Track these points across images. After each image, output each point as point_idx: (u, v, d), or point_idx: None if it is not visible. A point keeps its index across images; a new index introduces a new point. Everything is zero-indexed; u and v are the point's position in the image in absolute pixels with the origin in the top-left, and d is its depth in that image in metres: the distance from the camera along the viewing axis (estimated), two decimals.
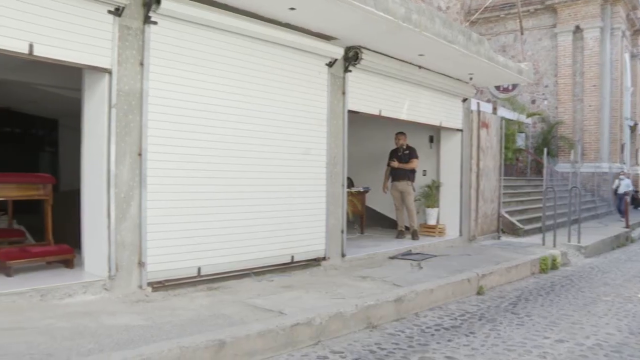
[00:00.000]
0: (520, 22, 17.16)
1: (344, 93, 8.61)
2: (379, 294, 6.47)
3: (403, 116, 10.03)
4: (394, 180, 11.31)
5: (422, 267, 8.48)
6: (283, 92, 7.65)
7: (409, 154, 11.18)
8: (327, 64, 8.25)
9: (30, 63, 6.39)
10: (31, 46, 5.32)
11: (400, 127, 11.27)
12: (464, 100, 11.78)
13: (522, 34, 19.07)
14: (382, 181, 11.65)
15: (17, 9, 5.18)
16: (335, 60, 8.30)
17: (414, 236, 10.96)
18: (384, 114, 9.48)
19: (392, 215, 12.05)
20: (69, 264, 6.57)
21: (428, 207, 11.82)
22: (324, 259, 8.32)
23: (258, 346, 4.83)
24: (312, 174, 8.15)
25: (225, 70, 6.91)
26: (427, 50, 8.93)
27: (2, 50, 5.19)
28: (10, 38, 5.17)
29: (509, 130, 18.29)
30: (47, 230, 6.91)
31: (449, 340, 5.53)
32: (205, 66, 6.68)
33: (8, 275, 6.03)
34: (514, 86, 22.96)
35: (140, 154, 6.13)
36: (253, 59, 7.23)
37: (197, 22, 6.50)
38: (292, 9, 6.89)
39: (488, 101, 20.01)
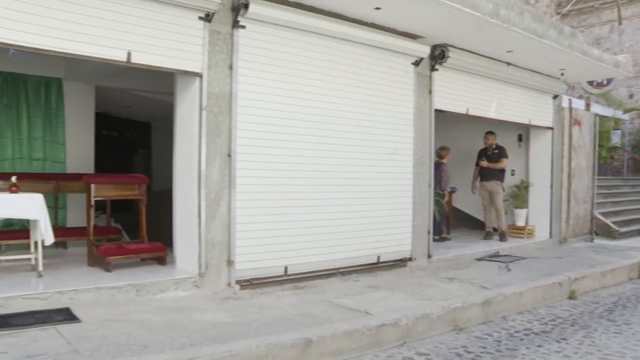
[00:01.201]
0: (619, 10, 16.24)
1: (430, 92, 8.52)
2: (465, 296, 6.35)
3: (490, 114, 9.79)
4: (482, 180, 11.06)
5: (510, 270, 8.24)
6: (369, 92, 7.65)
7: (499, 153, 10.91)
8: (413, 63, 8.19)
9: (125, 69, 6.73)
10: (129, 54, 5.66)
11: (488, 126, 11.00)
12: (555, 97, 11.34)
13: (620, 23, 18.07)
14: (469, 181, 11.42)
15: (116, 20, 5.55)
16: (422, 59, 8.22)
17: (502, 237, 10.67)
18: (471, 112, 9.29)
19: (479, 215, 11.79)
20: (161, 261, 6.86)
21: (516, 207, 11.47)
22: (410, 259, 8.27)
23: (344, 346, 4.84)
24: (398, 174, 8.12)
25: (311, 71, 7.00)
26: (516, 46, 8.67)
27: (104, 59, 5.60)
28: (111, 48, 5.55)
29: (603, 128, 17.44)
30: (142, 228, 7.23)
31: (539, 346, 5.33)
32: (291, 67, 6.80)
33: (107, 270, 6.39)
34: (609, 80, 21.77)
35: (229, 155, 6.33)
36: (338, 60, 7.28)
37: (283, 24, 6.62)
38: (378, 8, 6.87)
39: (580, 97, 19.11)
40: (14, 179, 6.36)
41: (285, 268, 6.78)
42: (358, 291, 6.57)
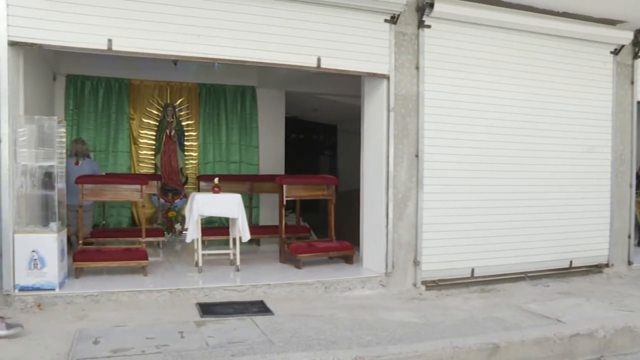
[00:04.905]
0: None
1: (632, 82, 7.79)
2: None
3: None
4: None
5: None
6: (561, 86, 7.23)
7: None
8: (612, 52, 7.56)
9: (312, 75, 7.04)
10: (319, 60, 5.97)
11: None
12: None
13: None
14: None
15: (305, 29, 5.92)
16: (622, 46, 7.55)
17: None
18: None
19: None
20: (348, 259, 7.03)
21: None
22: (606, 265, 7.69)
23: (533, 353, 4.58)
24: (594, 173, 7.58)
25: (498, 67, 6.78)
26: None
27: (295, 66, 6.00)
28: (301, 55, 5.93)
29: None
30: (330, 227, 7.42)
31: None
32: (477, 65, 6.65)
33: (297, 267, 6.71)
34: None
35: (416, 155, 6.35)
36: (527, 54, 6.97)
37: (469, 21, 6.50)
38: None
39: None
40: (216, 180, 6.96)
41: (472, 270, 6.64)
42: (548, 297, 6.24)
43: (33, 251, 5.14)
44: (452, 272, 6.56)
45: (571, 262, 7.38)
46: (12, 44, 4.98)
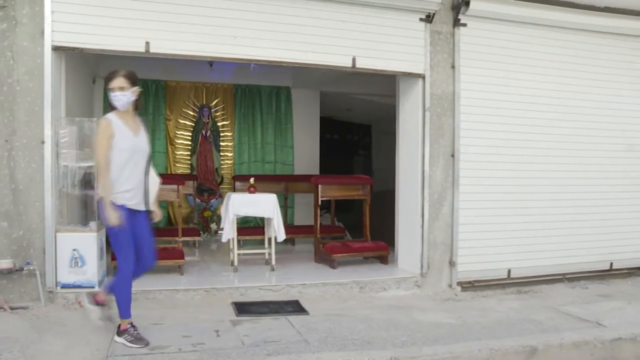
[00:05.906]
0: None
1: None
2: None
3: None
4: None
5: None
6: (601, 83, 7.08)
7: None
8: None
9: (347, 74, 7.02)
10: (354, 60, 5.97)
11: None
12: None
13: None
14: None
15: (340, 29, 5.93)
16: None
17: None
18: None
19: None
20: (383, 260, 7.03)
21: None
22: None
23: (572, 357, 4.51)
24: (635, 172, 7.39)
25: (536, 66, 6.68)
26: None
27: (330, 66, 6.02)
28: (337, 55, 5.94)
29: None
30: (365, 228, 7.44)
31: None
32: (515, 63, 6.56)
33: (332, 267, 6.72)
34: None
35: (452, 155, 6.31)
36: (566, 51, 6.86)
37: (505, 19, 6.43)
38: None
39: None
40: (252, 180, 7.01)
41: (509, 271, 6.58)
42: (587, 299, 6.12)
43: (74, 249, 5.25)
44: (488, 273, 6.50)
45: (612, 264, 7.23)
46: (56, 49, 5.11)
